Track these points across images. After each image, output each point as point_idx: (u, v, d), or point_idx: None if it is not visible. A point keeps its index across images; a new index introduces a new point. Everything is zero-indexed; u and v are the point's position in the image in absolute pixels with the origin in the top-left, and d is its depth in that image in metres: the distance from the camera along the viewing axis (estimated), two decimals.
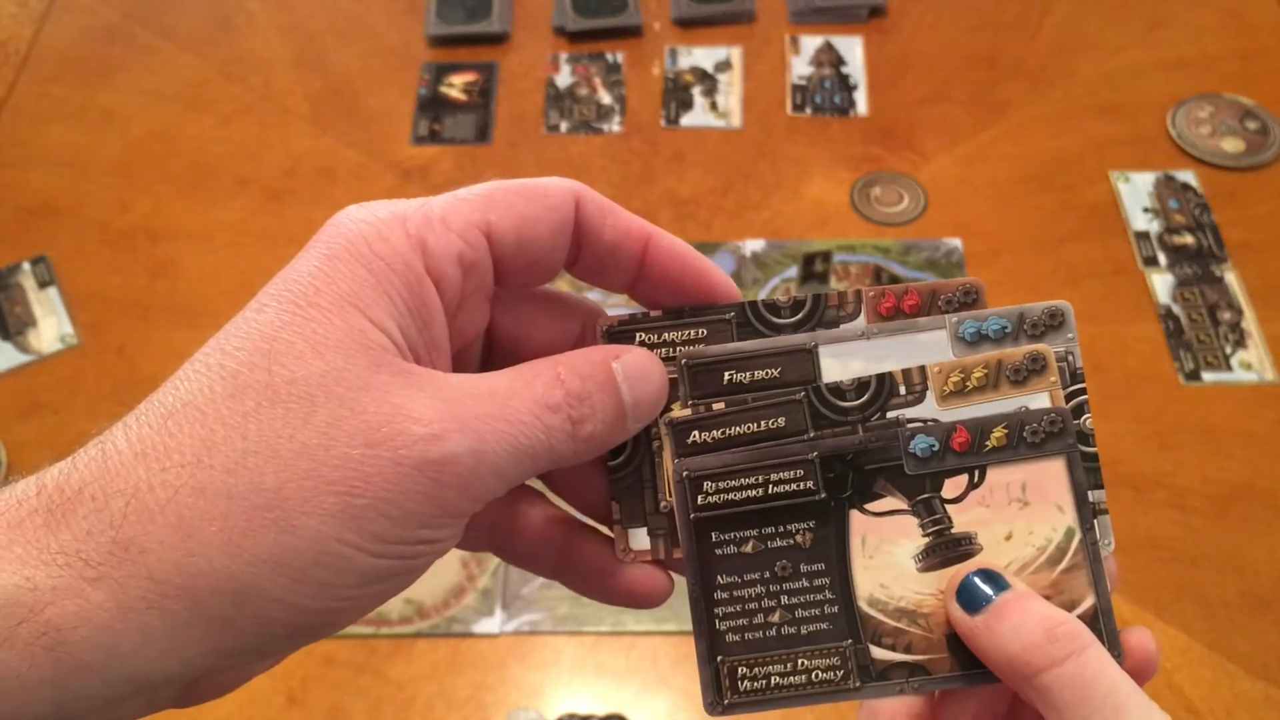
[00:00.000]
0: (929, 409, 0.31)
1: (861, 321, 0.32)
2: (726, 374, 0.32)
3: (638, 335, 0.32)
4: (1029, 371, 0.31)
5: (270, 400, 0.25)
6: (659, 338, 0.32)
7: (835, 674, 0.31)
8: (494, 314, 0.31)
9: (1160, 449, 0.75)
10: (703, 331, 0.32)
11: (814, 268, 0.85)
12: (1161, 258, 0.84)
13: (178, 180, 0.92)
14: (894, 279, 0.84)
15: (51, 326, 0.83)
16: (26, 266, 0.86)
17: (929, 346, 0.32)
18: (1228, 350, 0.79)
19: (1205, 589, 0.69)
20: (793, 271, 0.85)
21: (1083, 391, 0.31)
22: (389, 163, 0.93)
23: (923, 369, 0.31)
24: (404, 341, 0.27)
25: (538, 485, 0.33)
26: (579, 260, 0.31)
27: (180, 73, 0.99)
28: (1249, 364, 0.79)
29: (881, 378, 0.31)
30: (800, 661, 0.31)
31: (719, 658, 0.31)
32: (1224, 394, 0.77)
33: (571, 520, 0.32)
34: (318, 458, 0.24)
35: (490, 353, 0.32)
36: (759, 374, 0.32)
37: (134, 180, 0.92)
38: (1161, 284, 0.83)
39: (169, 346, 0.82)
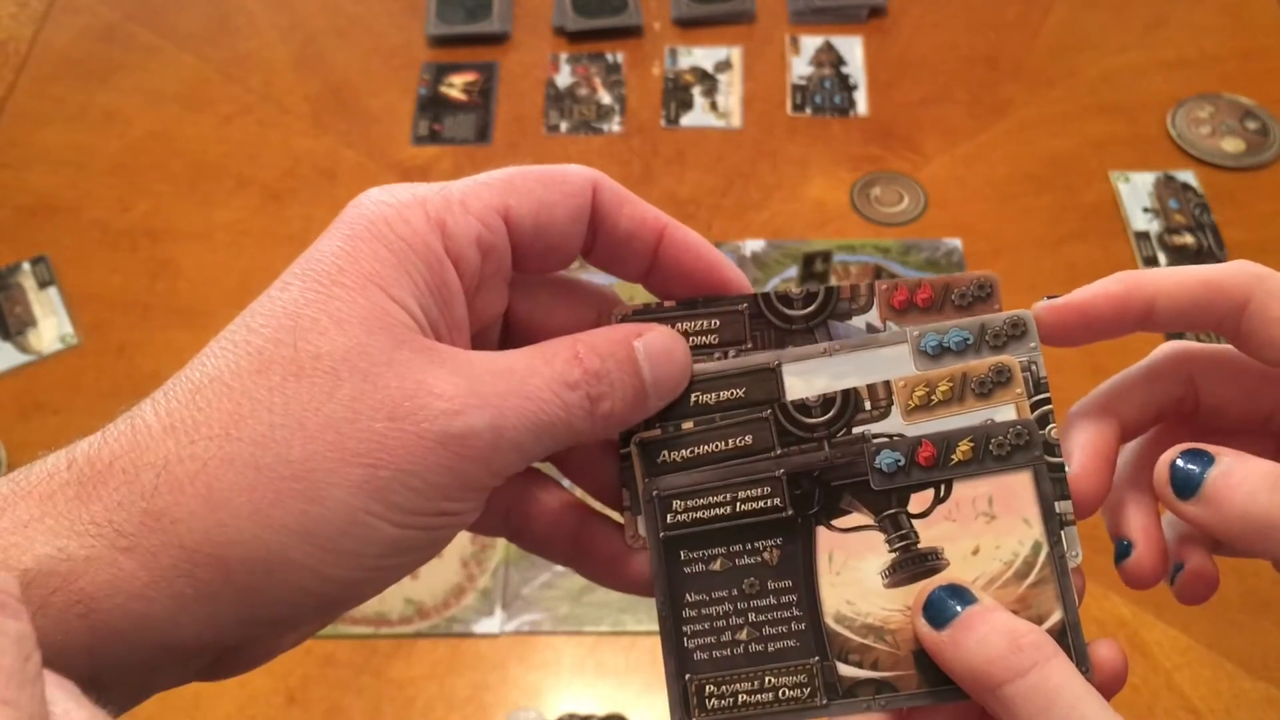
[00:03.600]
0: (895, 424, 0.31)
1: (866, 318, 0.32)
2: (693, 396, 0.31)
3: None
4: (994, 384, 0.31)
5: (295, 375, 0.25)
6: (673, 328, 0.32)
7: (802, 691, 0.30)
8: (511, 299, 0.31)
9: None
10: (716, 322, 0.32)
11: (814, 268, 0.85)
12: (1161, 258, 0.84)
13: (178, 180, 0.92)
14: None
15: (51, 326, 0.83)
16: (26, 266, 0.86)
17: (891, 361, 0.31)
18: None
19: None
20: (792, 271, 0.85)
21: (1048, 401, 0.31)
22: (389, 163, 0.93)
23: (888, 384, 0.31)
24: (425, 320, 0.27)
25: (553, 471, 0.33)
26: (594, 247, 0.31)
27: (180, 73, 0.99)
28: None
29: (847, 394, 0.31)
30: (767, 679, 0.30)
31: (687, 675, 0.31)
32: None
33: (585, 507, 0.32)
34: (343, 430, 0.25)
35: (507, 338, 0.32)
36: (724, 394, 0.31)
37: (134, 180, 0.92)
38: None
39: (169, 346, 0.82)
